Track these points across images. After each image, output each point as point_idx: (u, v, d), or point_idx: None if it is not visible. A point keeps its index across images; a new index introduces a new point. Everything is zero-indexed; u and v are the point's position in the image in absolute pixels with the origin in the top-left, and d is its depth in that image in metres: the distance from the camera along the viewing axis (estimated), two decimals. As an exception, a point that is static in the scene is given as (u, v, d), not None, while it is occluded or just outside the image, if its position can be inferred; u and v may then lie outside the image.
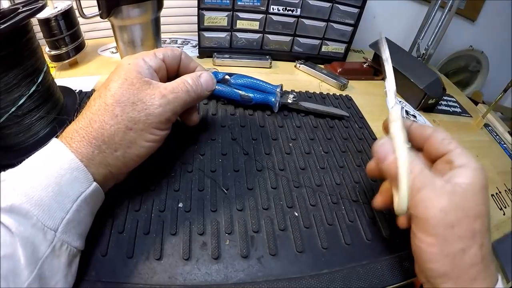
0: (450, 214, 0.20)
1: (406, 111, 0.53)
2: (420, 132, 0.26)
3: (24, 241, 0.18)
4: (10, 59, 0.28)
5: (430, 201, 0.20)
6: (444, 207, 0.20)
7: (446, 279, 0.20)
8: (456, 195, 0.20)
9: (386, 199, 0.27)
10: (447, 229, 0.20)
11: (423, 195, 0.21)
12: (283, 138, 0.39)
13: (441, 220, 0.20)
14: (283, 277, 0.25)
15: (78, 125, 0.23)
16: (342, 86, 0.54)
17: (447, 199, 0.20)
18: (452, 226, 0.20)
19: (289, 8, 0.54)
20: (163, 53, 0.28)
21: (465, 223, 0.20)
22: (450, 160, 0.23)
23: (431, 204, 0.20)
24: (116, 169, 0.24)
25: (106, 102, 0.24)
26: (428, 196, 0.21)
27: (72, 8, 0.46)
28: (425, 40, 0.68)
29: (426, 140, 0.25)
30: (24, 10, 0.29)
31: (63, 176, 0.21)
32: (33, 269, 0.18)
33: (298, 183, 0.33)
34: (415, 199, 0.21)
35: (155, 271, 0.24)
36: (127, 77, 0.24)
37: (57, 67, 0.49)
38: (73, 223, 0.21)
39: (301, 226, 0.29)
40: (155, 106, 0.25)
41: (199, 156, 0.34)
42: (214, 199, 0.30)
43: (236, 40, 0.56)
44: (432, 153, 0.25)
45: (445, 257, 0.20)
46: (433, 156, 0.25)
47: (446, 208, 0.20)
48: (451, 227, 0.20)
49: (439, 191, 0.21)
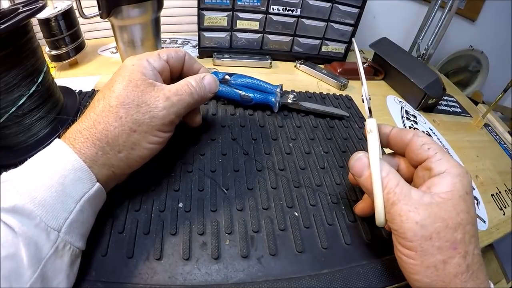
0: (427, 226, 0.20)
1: (406, 111, 0.53)
2: (401, 137, 0.25)
3: (27, 241, 0.18)
4: (10, 59, 0.28)
5: (405, 214, 0.20)
6: (420, 220, 0.20)
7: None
8: (434, 206, 0.20)
9: (366, 207, 0.28)
10: (425, 242, 0.20)
11: (398, 209, 0.21)
12: (283, 138, 0.39)
13: (418, 233, 0.20)
14: (283, 277, 0.25)
15: (82, 126, 0.23)
16: (342, 86, 0.54)
17: (424, 212, 0.20)
18: (430, 238, 0.20)
19: (289, 8, 0.54)
20: (167, 54, 0.28)
21: (443, 234, 0.20)
22: (429, 167, 0.23)
23: (407, 217, 0.20)
24: (119, 170, 0.25)
25: (110, 104, 0.24)
26: (403, 209, 0.21)
27: (72, 8, 0.46)
28: (425, 40, 0.68)
29: (407, 145, 0.25)
30: (24, 10, 0.29)
31: (66, 177, 0.21)
32: (36, 269, 0.18)
33: (298, 183, 0.33)
34: (391, 212, 0.21)
35: (155, 271, 0.24)
36: (131, 78, 0.24)
37: (57, 67, 0.49)
38: (76, 224, 0.21)
39: (301, 226, 0.29)
40: (159, 108, 0.25)
41: (199, 156, 0.34)
42: (214, 199, 0.30)
43: (236, 40, 0.56)
44: (412, 158, 0.25)
45: (426, 269, 0.20)
46: (413, 161, 0.25)
47: (422, 221, 0.20)
48: (429, 239, 0.20)
49: (415, 204, 0.20)
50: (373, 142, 0.24)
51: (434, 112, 0.56)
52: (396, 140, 0.26)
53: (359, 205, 0.29)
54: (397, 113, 0.52)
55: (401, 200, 0.21)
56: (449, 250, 0.20)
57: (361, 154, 0.24)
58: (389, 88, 0.60)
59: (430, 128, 0.51)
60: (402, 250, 0.21)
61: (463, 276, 0.20)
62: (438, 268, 0.20)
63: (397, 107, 0.54)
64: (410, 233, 0.20)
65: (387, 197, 0.21)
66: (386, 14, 0.77)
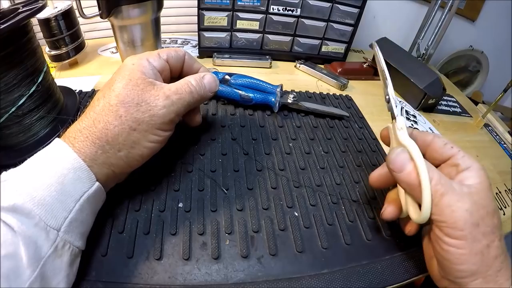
0: (474, 213, 0.21)
1: (406, 111, 0.53)
2: (422, 138, 0.27)
3: (27, 241, 0.18)
4: (10, 59, 0.28)
5: (455, 204, 0.21)
6: (468, 208, 0.21)
7: (476, 276, 0.21)
8: (475, 195, 0.22)
9: (396, 210, 0.26)
10: (474, 228, 0.21)
11: (447, 200, 0.21)
12: (283, 138, 0.39)
13: (468, 220, 0.21)
14: (283, 277, 0.25)
15: (82, 125, 0.23)
16: (342, 86, 0.54)
17: (469, 200, 0.21)
18: (477, 224, 0.21)
19: (289, 8, 0.54)
20: (167, 54, 0.28)
21: (487, 220, 0.21)
22: (455, 163, 0.24)
23: (457, 207, 0.21)
24: (119, 169, 0.25)
25: (110, 103, 0.24)
26: (452, 200, 0.21)
27: (72, 8, 0.46)
28: (425, 40, 0.68)
29: (428, 146, 0.26)
30: (24, 10, 0.29)
31: (66, 176, 0.21)
32: (35, 268, 0.18)
33: (298, 183, 0.33)
34: (440, 204, 0.21)
35: (155, 271, 0.24)
36: (131, 77, 0.25)
37: (57, 67, 0.49)
38: (75, 223, 0.21)
39: (301, 226, 0.29)
40: (159, 107, 0.25)
41: (199, 156, 0.34)
42: (214, 199, 0.30)
43: (236, 40, 0.56)
44: (436, 158, 0.26)
45: (474, 256, 0.21)
46: (437, 161, 0.26)
47: (470, 208, 0.21)
48: (476, 225, 0.21)
49: (460, 194, 0.21)
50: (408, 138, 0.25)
51: (434, 112, 0.56)
52: (418, 140, 0.26)
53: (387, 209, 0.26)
54: (397, 113, 0.52)
55: (448, 191, 0.21)
56: (490, 234, 0.21)
57: (401, 149, 0.24)
58: (389, 88, 0.60)
59: (430, 128, 0.51)
60: (450, 241, 0.21)
61: (501, 257, 0.21)
62: (484, 253, 0.21)
63: (397, 107, 0.53)
64: (461, 222, 0.21)
65: (435, 189, 0.22)
66: (386, 14, 0.77)
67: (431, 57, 0.69)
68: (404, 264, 0.27)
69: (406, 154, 0.24)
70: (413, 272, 0.27)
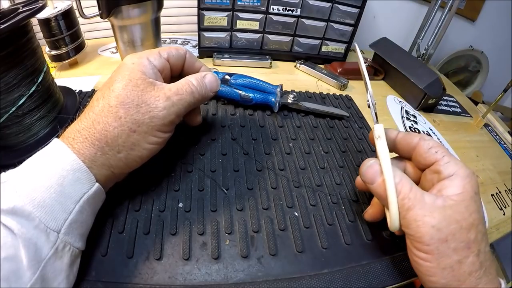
0: (442, 229, 0.20)
1: (406, 111, 0.53)
2: (407, 141, 0.26)
3: (27, 243, 0.18)
4: (10, 59, 0.28)
5: (421, 219, 0.21)
6: (435, 224, 0.20)
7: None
8: (448, 209, 0.21)
9: (376, 212, 0.27)
10: (441, 244, 0.20)
11: (413, 214, 0.21)
12: (283, 138, 0.39)
13: (434, 236, 0.20)
14: (283, 277, 0.25)
15: (81, 126, 0.23)
16: (342, 86, 0.54)
17: (439, 215, 0.20)
18: (445, 240, 0.20)
19: (289, 8, 0.54)
20: (168, 53, 0.28)
21: (458, 236, 0.20)
22: (438, 170, 0.23)
23: (423, 222, 0.20)
24: (118, 170, 0.24)
25: (110, 104, 0.23)
26: (418, 214, 0.21)
27: (72, 8, 0.46)
28: (425, 40, 0.69)
29: (413, 149, 0.25)
30: (24, 10, 0.29)
31: (65, 177, 0.21)
32: (35, 270, 0.18)
33: (298, 183, 0.33)
34: (406, 218, 0.21)
35: (155, 271, 0.24)
36: (131, 78, 0.24)
37: (57, 67, 0.49)
38: (75, 224, 0.21)
39: (301, 226, 0.29)
40: (160, 108, 0.24)
41: (199, 156, 0.34)
42: (214, 199, 0.30)
43: (236, 40, 0.56)
44: (420, 162, 0.25)
45: (442, 270, 0.20)
46: (421, 165, 0.25)
47: (438, 224, 0.20)
48: (444, 241, 0.20)
49: (430, 208, 0.21)
50: (382, 148, 0.24)
51: (434, 112, 0.56)
52: (403, 145, 0.26)
53: (369, 210, 0.28)
54: (397, 113, 0.52)
55: (416, 205, 0.21)
56: (464, 250, 0.20)
57: (373, 161, 0.24)
58: (389, 88, 0.60)
59: (430, 128, 0.51)
60: (418, 254, 0.21)
61: (477, 273, 0.20)
62: (454, 268, 0.20)
63: (397, 107, 0.54)
64: (427, 237, 0.20)
65: (402, 203, 0.21)
66: (386, 14, 0.77)
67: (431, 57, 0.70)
68: (404, 264, 0.27)
69: (377, 166, 0.24)
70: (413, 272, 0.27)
